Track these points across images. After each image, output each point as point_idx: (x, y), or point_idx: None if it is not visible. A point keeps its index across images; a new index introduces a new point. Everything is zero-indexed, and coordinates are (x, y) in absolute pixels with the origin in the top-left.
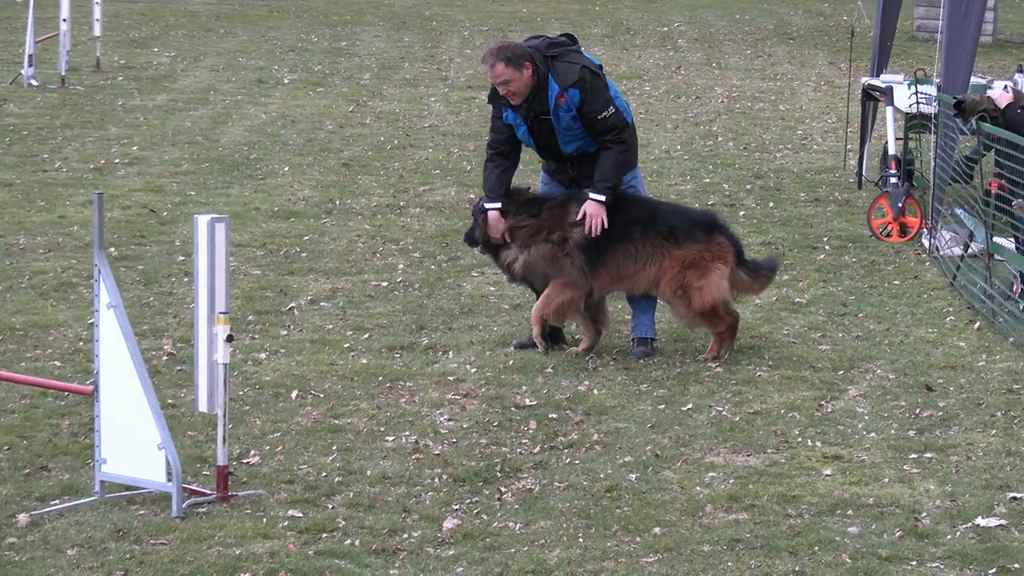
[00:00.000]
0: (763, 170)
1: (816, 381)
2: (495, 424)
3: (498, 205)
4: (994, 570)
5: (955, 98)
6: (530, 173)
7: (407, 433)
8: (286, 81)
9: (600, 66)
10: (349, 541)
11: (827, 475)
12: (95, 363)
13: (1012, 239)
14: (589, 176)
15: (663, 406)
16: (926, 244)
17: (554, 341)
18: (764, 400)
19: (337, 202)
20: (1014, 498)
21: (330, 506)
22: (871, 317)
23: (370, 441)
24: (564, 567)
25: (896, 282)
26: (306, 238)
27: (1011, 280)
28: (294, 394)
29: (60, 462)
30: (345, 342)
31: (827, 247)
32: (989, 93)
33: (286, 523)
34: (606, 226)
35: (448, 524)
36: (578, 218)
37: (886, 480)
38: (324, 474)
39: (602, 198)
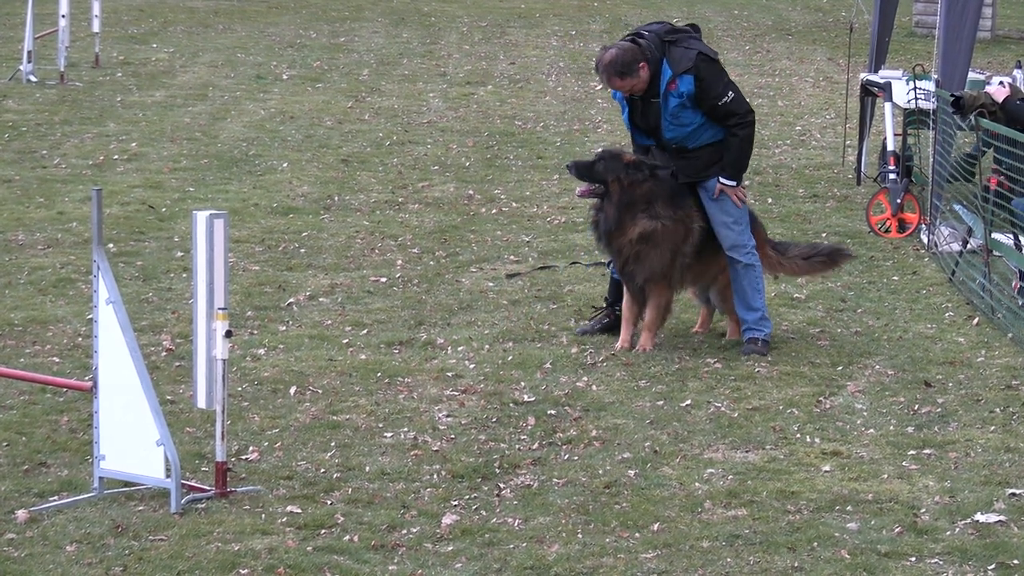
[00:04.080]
0: (762, 166)
1: (815, 377)
2: (494, 420)
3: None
4: (993, 566)
5: (953, 95)
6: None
7: (406, 429)
8: (285, 77)
9: (716, 54)
10: (348, 537)
11: (826, 471)
12: (94, 359)
13: (1011, 235)
14: (687, 172)
15: (662, 402)
16: (924, 240)
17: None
18: (763, 396)
19: (336, 198)
20: (1013, 494)
21: (329, 502)
22: (870, 313)
23: (369, 437)
24: (563, 563)
25: (895, 278)
26: (305, 234)
27: (1010, 276)
28: (293, 390)
29: (59, 458)
30: (344, 338)
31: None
32: (987, 89)
33: (285, 519)
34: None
35: (447, 520)
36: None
37: (885, 476)
38: (323, 470)
39: (732, 183)
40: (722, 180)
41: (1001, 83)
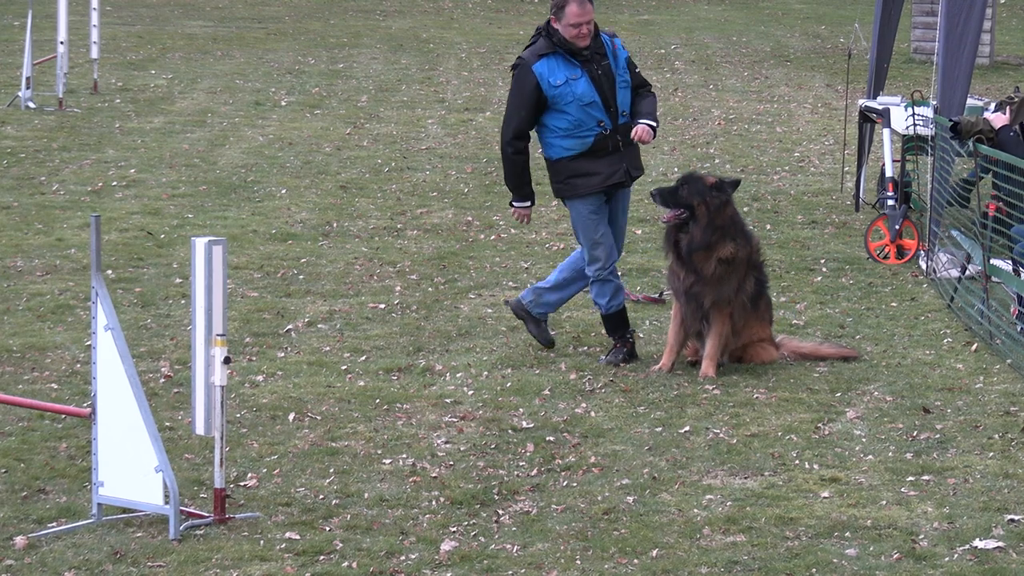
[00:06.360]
0: (760, 192)
1: (813, 403)
2: (492, 447)
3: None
4: None
5: (951, 120)
6: None
7: (404, 455)
8: (283, 103)
9: None
10: (346, 563)
11: (825, 497)
12: (92, 385)
13: (1009, 261)
14: (635, 163)
15: (660, 428)
16: (923, 266)
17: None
18: (762, 422)
19: (334, 224)
20: (1012, 520)
21: (327, 528)
22: (868, 339)
23: (367, 463)
24: None
25: (893, 304)
26: (303, 260)
27: (1008, 302)
28: (291, 416)
29: (57, 484)
30: (342, 364)
31: (824, 269)
32: (986, 115)
33: (283, 545)
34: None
35: (445, 546)
36: (633, 136)
37: (884, 502)
38: (321, 496)
39: (654, 124)
40: (644, 122)
41: (1000, 104)
